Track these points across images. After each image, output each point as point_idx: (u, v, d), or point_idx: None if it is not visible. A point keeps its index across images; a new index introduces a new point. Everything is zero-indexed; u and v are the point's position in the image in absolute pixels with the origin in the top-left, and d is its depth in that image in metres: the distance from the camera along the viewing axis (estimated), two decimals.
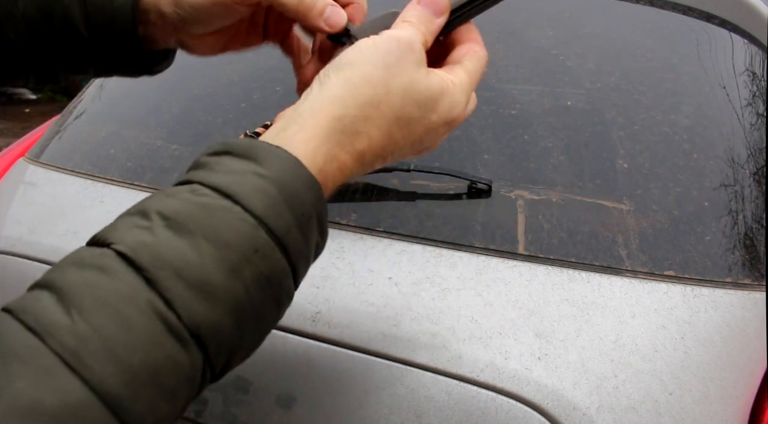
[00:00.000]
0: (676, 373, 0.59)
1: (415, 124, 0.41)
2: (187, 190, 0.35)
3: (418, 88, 0.40)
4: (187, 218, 0.33)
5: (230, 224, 0.33)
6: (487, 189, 0.72)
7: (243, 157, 0.36)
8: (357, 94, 0.39)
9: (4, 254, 0.77)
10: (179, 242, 0.32)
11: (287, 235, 0.35)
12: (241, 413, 0.61)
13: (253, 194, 0.34)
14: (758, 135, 0.81)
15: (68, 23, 0.49)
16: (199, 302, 0.32)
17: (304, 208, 0.36)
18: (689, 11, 0.96)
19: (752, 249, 0.70)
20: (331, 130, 0.38)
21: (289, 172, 0.35)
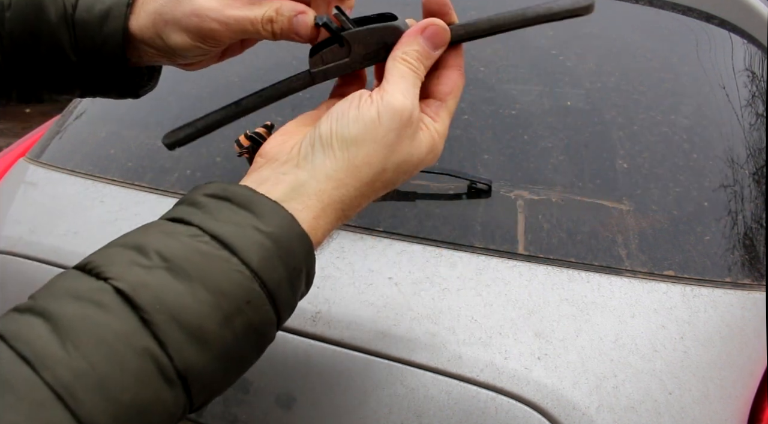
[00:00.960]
0: (676, 373, 0.59)
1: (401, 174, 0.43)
2: (186, 233, 0.36)
3: (411, 161, 0.43)
4: (187, 263, 0.34)
5: (227, 274, 0.34)
6: (487, 189, 0.72)
7: (242, 207, 0.37)
8: (357, 177, 0.41)
9: (4, 254, 0.77)
10: (178, 286, 0.33)
11: (278, 288, 0.36)
12: (241, 413, 0.61)
13: (251, 247, 0.35)
14: (758, 135, 0.81)
15: (55, 46, 0.49)
16: (191, 346, 0.33)
17: (296, 262, 0.37)
18: (689, 11, 0.96)
19: (752, 249, 0.70)
20: (333, 211, 0.40)
21: (285, 229, 0.37)
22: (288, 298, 0.37)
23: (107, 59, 0.49)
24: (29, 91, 0.53)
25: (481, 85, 0.86)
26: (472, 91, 0.85)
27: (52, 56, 0.49)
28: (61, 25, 0.48)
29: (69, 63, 0.50)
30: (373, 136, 0.40)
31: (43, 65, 0.50)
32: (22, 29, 0.49)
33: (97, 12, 0.48)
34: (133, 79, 0.52)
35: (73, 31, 0.48)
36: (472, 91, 0.85)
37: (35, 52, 0.49)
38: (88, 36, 0.48)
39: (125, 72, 0.50)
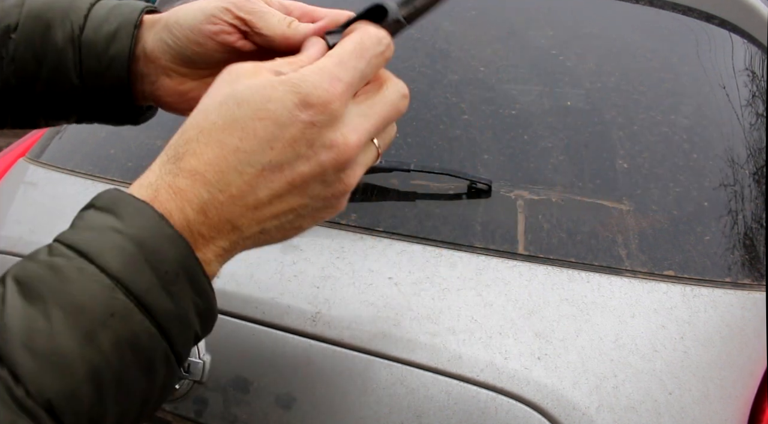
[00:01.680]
0: (676, 373, 0.59)
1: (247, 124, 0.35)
2: (45, 251, 0.33)
3: (234, 93, 0.35)
4: (39, 282, 0.31)
5: (84, 287, 0.31)
6: (487, 189, 0.72)
7: (104, 210, 0.34)
8: (178, 137, 0.36)
9: (4, 254, 0.77)
10: (29, 310, 0.30)
11: (148, 294, 0.32)
12: (241, 413, 0.61)
13: (109, 252, 0.32)
14: (758, 135, 0.81)
15: (58, 68, 0.48)
16: (48, 373, 0.29)
17: (168, 265, 0.33)
18: (689, 11, 0.96)
19: (752, 249, 0.70)
20: (163, 161, 0.36)
21: (150, 229, 0.33)
22: (167, 306, 0.32)
23: (111, 81, 0.48)
24: (25, 117, 0.52)
25: (481, 85, 0.86)
26: (472, 91, 0.85)
27: (54, 79, 0.48)
28: (68, 47, 0.48)
29: (71, 87, 0.48)
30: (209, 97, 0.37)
31: (43, 89, 0.49)
32: (27, 51, 0.48)
33: (104, 32, 0.47)
34: (133, 105, 0.51)
35: (79, 52, 0.48)
36: (472, 91, 0.85)
37: (37, 75, 0.48)
38: (94, 56, 0.48)
39: (127, 97, 0.49)
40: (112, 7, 0.49)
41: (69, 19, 0.48)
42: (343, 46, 0.37)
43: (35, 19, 0.48)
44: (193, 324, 0.34)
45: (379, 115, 0.38)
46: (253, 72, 0.36)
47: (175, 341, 0.33)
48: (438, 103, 0.83)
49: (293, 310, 0.64)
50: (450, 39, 0.92)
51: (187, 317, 0.34)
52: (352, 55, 0.37)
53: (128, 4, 0.49)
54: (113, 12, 0.48)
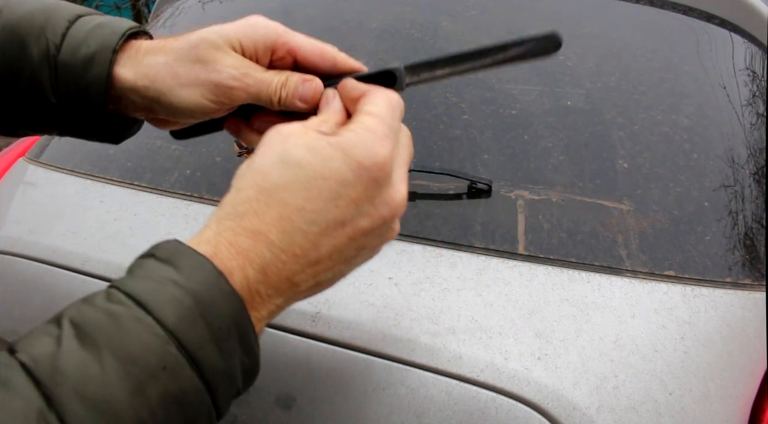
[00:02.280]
0: (676, 373, 0.59)
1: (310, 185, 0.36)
2: (103, 295, 0.33)
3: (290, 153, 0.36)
4: (95, 328, 0.31)
5: (139, 337, 0.31)
6: (487, 189, 0.72)
7: (164, 261, 0.34)
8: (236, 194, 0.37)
9: (4, 254, 0.77)
10: (83, 355, 0.30)
11: (200, 350, 0.32)
12: (241, 413, 0.61)
13: (167, 305, 0.32)
14: (758, 135, 0.81)
15: (35, 86, 0.46)
16: (95, 420, 0.30)
17: (222, 322, 0.33)
18: (689, 11, 0.96)
19: (752, 249, 0.70)
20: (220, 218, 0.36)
21: (208, 284, 0.33)
22: (217, 363, 0.33)
23: (89, 105, 0.47)
24: (5, 126, 0.51)
25: (481, 85, 0.86)
26: (472, 91, 0.85)
27: (32, 96, 0.47)
28: (44, 65, 0.46)
29: (48, 104, 0.47)
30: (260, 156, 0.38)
31: (21, 103, 0.48)
32: (3, 64, 0.46)
33: (82, 55, 0.45)
34: (114, 126, 0.50)
35: (55, 73, 0.46)
36: (472, 91, 0.85)
37: (14, 90, 0.47)
38: (71, 80, 0.46)
39: (106, 118, 0.48)
40: (93, 28, 0.47)
41: (45, 36, 0.46)
42: (377, 104, 0.40)
43: (11, 34, 0.46)
44: (237, 381, 0.35)
45: (406, 163, 0.40)
46: (303, 132, 0.38)
47: (219, 397, 0.34)
48: (438, 103, 0.83)
49: (293, 310, 0.64)
50: (450, 39, 0.92)
51: (233, 373, 0.34)
52: (388, 114, 0.39)
53: (110, 25, 0.47)
54: (93, 33, 0.46)
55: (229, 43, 0.45)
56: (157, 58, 0.46)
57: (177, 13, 1.15)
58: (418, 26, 0.94)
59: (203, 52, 0.44)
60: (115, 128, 0.50)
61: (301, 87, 0.45)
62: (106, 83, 0.45)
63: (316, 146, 0.36)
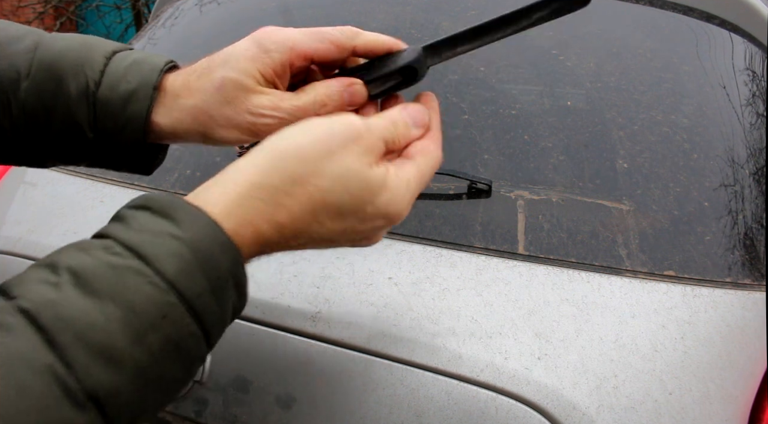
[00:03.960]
0: (676, 373, 0.59)
1: (347, 214, 0.40)
2: (100, 246, 0.34)
3: (354, 179, 0.39)
4: (96, 277, 0.32)
5: (139, 288, 0.32)
6: (487, 189, 0.72)
7: (160, 215, 0.35)
8: (282, 166, 0.38)
9: (4, 254, 0.77)
10: (85, 303, 0.31)
11: (199, 300, 0.34)
12: (241, 413, 0.61)
13: (166, 257, 0.33)
14: (758, 135, 0.81)
15: (71, 122, 0.47)
16: (99, 366, 0.31)
17: (219, 272, 0.35)
18: (689, 11, 0.96)
19: (752, 249, 0.70)
20: (248, 197, 0.37)
21: (206, 236, 0.34)
22: (213, 311, 0.35)
23: (126, 140, 0.48)
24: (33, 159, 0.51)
25: (481, 85, 0.86)
26: (472, 91, 0.85)
27: (67, 131, 0.48)
28: (81, 102, 0.47)
29: (84, 139, 0.48)
30: (315, 134, 0.39)
31: (54, 139, 0.48)
32: (37, 101, 0.47)
33: (122, 91, 0.46)
34: (147, 156, 0.51)
35: (94, 109, 0.47)
36: (472, 91, 0.85)
37: (47, 126, 0.47)
38: (110, 116, 0.47)
39: (142, 151, 0.49)
40: (131, 64, 0.47)
41: (83, 72, 0.47)
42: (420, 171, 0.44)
43: (47, 70, 0.47)
44: (228, 321, 0.37)
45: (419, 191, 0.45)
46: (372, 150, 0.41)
47: (213, 339, 0.36)
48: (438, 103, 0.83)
49: (293, 310, 0.64)
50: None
51: (227, 317, 0.37)
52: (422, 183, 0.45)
53: (148, 61, 0.48)
54: (132, 70, 0.47)
55: (252, 78, 0.46)
56: (186, 101, 0.47)
57: (177, 13, 1.15)
58: (418, 26, 0.94)
59: (230, 94, 0.46)
60: (146, 159, 0.51)
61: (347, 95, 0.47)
62: (146, 120, 0.47)
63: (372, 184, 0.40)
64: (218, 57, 0.47)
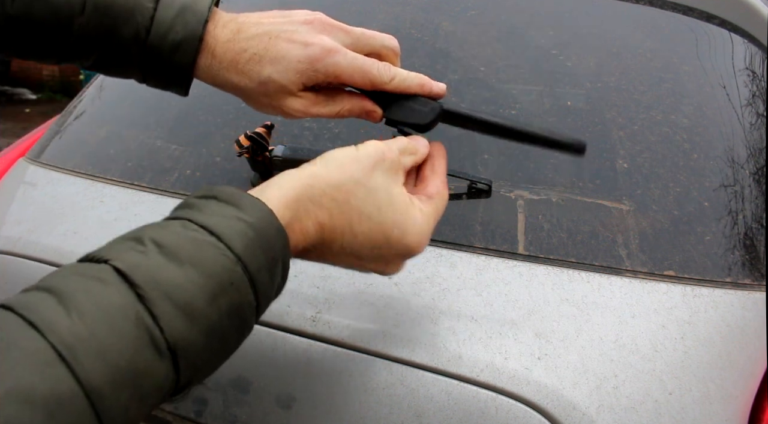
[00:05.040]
0: (676, 373, 0.59)
1: (375, 227, 0.47)
2: (179, 224, 0.39)
3: (383, 194, 0.47)
4: (179, 247, 0.37)
5: (215, 258, 0.38)
6: (487, 189, 0.72)
7: (227, 202, 0.41)
8: (329, 175, 0.46)
9: (4, 254, 0.77)
10: (170, 267, 0.36)
11: (258, 273, 0.40)
12: (241, 413, 0.61)
13: (235, 235, 0.39)
14: (758, 135, 0.81)
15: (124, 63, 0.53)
16: (180, 321, 0.36)
17: (274, 252, 0.41)
18: (689, 11, 0.96)
19: (752, 249, 0.70)
20: (302, 195, 0.44)
21: (265, 220, 0.41)
22: (266, 285, 0.41)
23: (173, 82, 0.54)
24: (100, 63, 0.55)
25: (481, 85, 0.86)
26: (472, 91, 0.85)
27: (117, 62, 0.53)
28: (133, 47, 0.51)
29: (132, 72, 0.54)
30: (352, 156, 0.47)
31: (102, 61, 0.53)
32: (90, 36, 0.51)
33: (170, 41, 0.51)
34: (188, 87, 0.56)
35: (143, 55, 0.52)
36: (472, 91, 0.85)
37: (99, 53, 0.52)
38: (158, 63, 0.52)
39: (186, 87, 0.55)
40: (177, 13, 0.51)
41: (135, 19, 0.51)
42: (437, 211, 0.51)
43: (102, 14, 0.51)
44: (272, 298, 0.43)
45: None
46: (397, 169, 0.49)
47: (260, 312, 0.42)
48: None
49: (293, 310, 0.64)
50: (450, 39, 0.92)
51: (272, 294, 0.43)
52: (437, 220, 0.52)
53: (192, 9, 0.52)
54: (178, 19, 0.51)
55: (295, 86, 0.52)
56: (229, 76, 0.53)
57: None
58: (418, 26, 0.94)
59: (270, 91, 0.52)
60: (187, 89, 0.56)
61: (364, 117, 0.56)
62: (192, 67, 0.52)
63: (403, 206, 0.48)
64: (273, 48, 0.51)
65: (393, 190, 0.48)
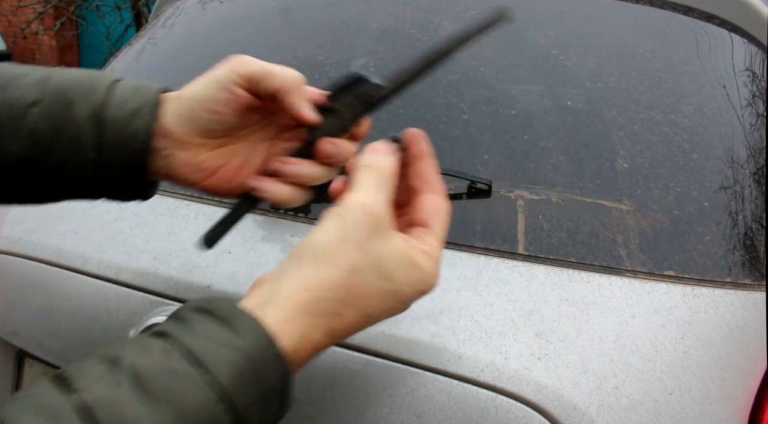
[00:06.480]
0: (676, 373, 0.59)
1: (389, 298, 0.43)
2: (160, 347, 0.36)
3: (390, 267, 0.42)
4: (154, 381, 0.34)
5: (193, 394, 0.34)
6: (487, 189, 0.72)
7: (221, 321, 0.37)
8: (325, 278, 0.40)
9: (4, 254, 0.77)
10: (140, 406, 0.33)
11: (247, 410, 0.35)
12: None
13: (224, 365, 0.35)
14: (758, 135, 0.81)
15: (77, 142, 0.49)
16: None
17: (269, 383, 0.37)
18: (689, 11, 0.96)
19: (752, 249, 0.70)
20: (306, 314, 0.40)
21: (261, 348, 0.37)
22: (260, 419, 0.37)
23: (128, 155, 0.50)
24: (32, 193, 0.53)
25: (481, 85, 0.86)
26: (472, 91, 0.85)
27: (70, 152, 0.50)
28: (88, 122, 0.49)
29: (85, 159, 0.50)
30: (339, 235, 0.41)
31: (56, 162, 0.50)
32: (46, 123, 0.49)
33: (127, 109, 0.50)
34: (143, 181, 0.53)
35: (98, 128, 0.49)
36: (472, 91, 0.85)
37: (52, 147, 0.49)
38: (114, 132, 0.49)
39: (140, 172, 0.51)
40: (134, 88, 0.51)
41: (91, 97, 0.50)
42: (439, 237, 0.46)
43: (58, 96, 0.50)
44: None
45: None
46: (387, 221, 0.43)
47: None
48: (438, 103, 0.83)
49: None
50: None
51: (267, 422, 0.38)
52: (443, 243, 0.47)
53: (148, 86, 0.51)
54: (136, 92, 0.50)
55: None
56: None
57: (177, 13, 1.15)
58: (418, 26, 0.94)
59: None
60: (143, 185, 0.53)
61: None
62: (148, 132, 0.49)
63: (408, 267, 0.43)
64: None
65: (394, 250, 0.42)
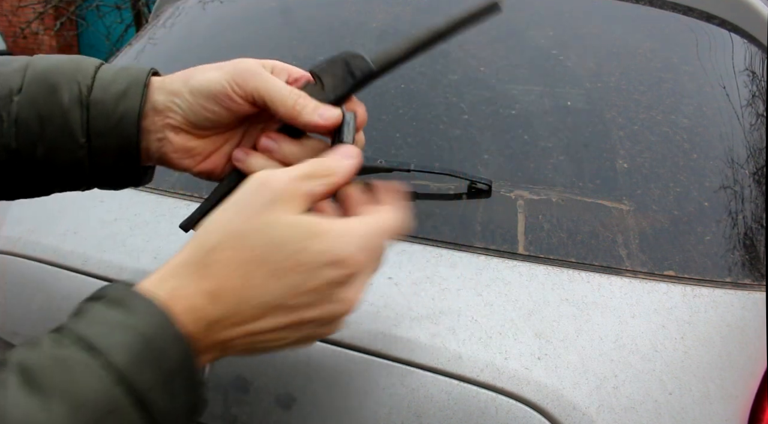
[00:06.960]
0: (676, 373, 0.59)
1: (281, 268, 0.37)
2: (51, 339, 0.33)
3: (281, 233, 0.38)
4: (43, 373, 0.31)
5: (87, 381, 0.31)
6: (487, 189, 0.72)
7: (115, 304, 0.35)
8: (204, 241, 0.38)
9: (4, 254, 0.77)
10: (29, 402, 0.30)
11: (150, 392, 0.33)
12: (241, 413, 0.61)
13: (117, 348, 0.33)
14: (758, 135, 0.81)
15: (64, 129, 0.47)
16: None
17: (171, 364, 0.34)
18: (689, 11, 0.96)
19: (752, 249, 0.70)
20: (177, 275, 0.37)
21: (157, 325, 0.34)
22: (165, 404, 0.34)
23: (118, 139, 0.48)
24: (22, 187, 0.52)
25: (481, 85, 0.86)
26: (472, 91, 0.85)
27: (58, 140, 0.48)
28: (75, 107, 0.47)
29: (76, 146, 0.48)
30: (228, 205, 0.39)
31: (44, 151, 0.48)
32: (30, 112, 0.47)
33: (114, 91, 0.48)
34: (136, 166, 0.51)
35: (86, 112, 0.48)
36: (472, 91, 0.85)
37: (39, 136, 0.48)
38: (102, 115, 0.48)
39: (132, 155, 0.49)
40: (119, 70, 0.49)
41: (76, 80, 0.48)
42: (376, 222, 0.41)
43: (40, 82, 0.48)
44: (182, 418, 0.36)
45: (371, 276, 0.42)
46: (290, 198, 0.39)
47: None
48: (438, 103, 0.83)
49: None
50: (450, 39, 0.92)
51: (178, 412, 0.35)
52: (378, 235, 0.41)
53: (134, 67, 0.50)
54: (121, 73, 0.49)
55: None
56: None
57: (177, 13, 1.15)
58: (418, 26, 0.94)
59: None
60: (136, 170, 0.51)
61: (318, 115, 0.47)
62: (138, 113, 0.47)
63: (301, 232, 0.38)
64: None
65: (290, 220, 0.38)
